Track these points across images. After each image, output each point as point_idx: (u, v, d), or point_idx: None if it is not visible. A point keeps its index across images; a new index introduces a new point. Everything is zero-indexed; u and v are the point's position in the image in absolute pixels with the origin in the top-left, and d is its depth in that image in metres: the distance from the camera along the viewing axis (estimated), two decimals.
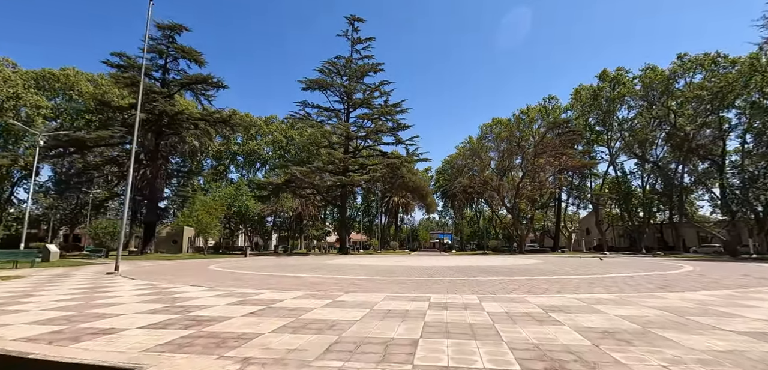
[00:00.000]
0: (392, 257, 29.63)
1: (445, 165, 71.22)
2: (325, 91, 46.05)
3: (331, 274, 12.10)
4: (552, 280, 9.76)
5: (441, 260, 23.39)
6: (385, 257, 29.40)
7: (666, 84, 50.30)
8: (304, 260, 25.49)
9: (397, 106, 45.29)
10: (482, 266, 16.83)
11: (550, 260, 23.83)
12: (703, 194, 54.74)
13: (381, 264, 18.44)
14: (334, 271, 13.43)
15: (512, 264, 17.84)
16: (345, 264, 18.61)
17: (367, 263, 20.17)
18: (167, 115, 37.37)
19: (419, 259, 26.23)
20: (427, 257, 31.19)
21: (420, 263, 19.33)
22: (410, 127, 45.78)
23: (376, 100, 45.79)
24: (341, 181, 37.49)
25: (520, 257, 28.54)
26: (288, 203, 50.81)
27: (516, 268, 15.24)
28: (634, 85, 53.65)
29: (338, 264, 18.66)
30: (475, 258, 27.28)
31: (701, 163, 55.65)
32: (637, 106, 54.85)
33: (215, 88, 39.83)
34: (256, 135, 67.78)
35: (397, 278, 10.35)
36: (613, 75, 54.79)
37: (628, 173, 57.99)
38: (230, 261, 22.99)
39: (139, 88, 15.31)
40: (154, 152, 39.17)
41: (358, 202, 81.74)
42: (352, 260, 23.52)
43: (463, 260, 23.18)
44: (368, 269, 14.40)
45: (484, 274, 11.85)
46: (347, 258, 28.09)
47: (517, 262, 20.39)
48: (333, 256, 34.18)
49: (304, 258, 29.88)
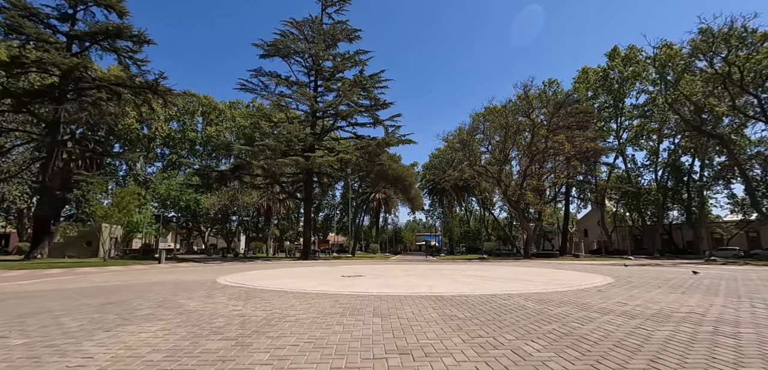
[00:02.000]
0: (358, 265, 20.93)
1: (432, 159, 62.99)
2: (288, 58, 37.04)
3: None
4: None
5: (422, 272, 14.71)
6: (347, 265, 20.68)
7: (687, 62, 43.36)
8: (202, 274, 16.47)
9: (375, 78, 36.60)
10: (497, 292, 8.15)
11: (595, 271, 15.43)
12: (722, 189, 48.12)
13: (311, 286, 9.66)
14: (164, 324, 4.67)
15: (561, 288, 9.21)
16: (244, 289, 9.74)
17: (293, 282, 11.31)
18: (68, 74, 27.81)
19: (393, 268, 17.58)
20: (407, 264, 22.63)
21: (387, 281, 10.55)
22: (391, 104, 37.14)
23: (349, 71, 36.99)
24: (297, 162, 28.47)
25: (538, 266, 20.15)
26: (247, 197, 41.57)
27: (599, 309, 6.58)
28: (648, 65, 46.54)
29: (234, 286, 9.81)
30: (471, 267, 18.68)
31: (717, 156, 49.11)
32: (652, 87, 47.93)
33: (134, 42, 30.45)
34: (218, 120, 58.22)
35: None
36: (624, 53, 47.59)
37: (640, 166, 50.78)
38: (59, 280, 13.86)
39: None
40: (53, 125, 29.57)
41: (336, 198, 72.77)
42: (284, 272, 14.70)
43: (456, 270, 14.73)
44: (256, 301, 5.68)
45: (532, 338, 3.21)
46: (293, 267, 19.32)
47: (556, 278, 11.82)
48: (279, 264, 25.17)
49: (225, 265, 20.93)
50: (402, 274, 12.97)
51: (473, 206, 71.81)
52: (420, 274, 13.02)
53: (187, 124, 57.67)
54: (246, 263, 24.46)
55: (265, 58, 36.77)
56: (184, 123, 57.38)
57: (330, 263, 25.01)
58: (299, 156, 28.67)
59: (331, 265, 21.03)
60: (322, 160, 29.57)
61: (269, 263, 25.82)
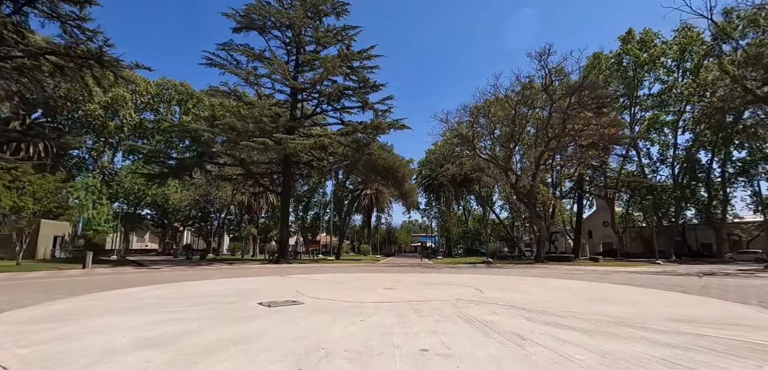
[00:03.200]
0: (324, 273, 16.08)
1: (429, 155, 58.07)
2: (265, 34, 32.01)
3: None
4: None
5: (412, 286, 9.84)
6: (310, 274, 15.80)
7: (711, 46, 38.99)
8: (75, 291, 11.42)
9: (364, 54, 31.64)
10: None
11: (669, 285, 10.59)
12: (746, 187, 43.66)
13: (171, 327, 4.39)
14: None
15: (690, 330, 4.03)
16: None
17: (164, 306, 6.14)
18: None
19: (370, 279, 12.77)
20: (395, 271, 17.81)
21: (315, 335, 5.54)
22: (382, 86, 32.18)
23: (334, 47, 31.99)
24: (265, 144, 23.36)
25: (570, 275, 15.44)
26: (220, 191, 36.44)
27: None
28: (667, 48, 42.05)
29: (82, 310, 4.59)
30: (483, 277, 13.86)
31: (737, 152, 44.72)
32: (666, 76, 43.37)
33: (75, 4, 25.26)
34: (196, 109, 52.92)
35: None
36: (640, 37, 43.06)
37: (656, 160, 46.12)
38: None
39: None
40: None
41: (327, 196, 67.71)
42: (203, 289, 9.76)
43: (462, 283, 9.85)
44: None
45: None
46: (221, 279, 14.46)
47: (638, 299, 6.83)
48: (214, 273, 20.40)
49: (146, 274, 15.92)
50: (376, 292, 8.06)
51: (472, 204, 67.03)
52: (407, 291, 8.09)
53: (162, 113, 52.36)
54: (181, 270, 19.45)
55: (239, 32, 31.77)
56: (158, 112, 52.07)
57: (292, 269, 20.10)
58: (268, 138, 23.68)
59: (284, 273, 16.10)
60: (296, 143, 24.52)
61: (216, 269, 20.86)
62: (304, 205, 68.98)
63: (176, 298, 7.39)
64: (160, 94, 52.20)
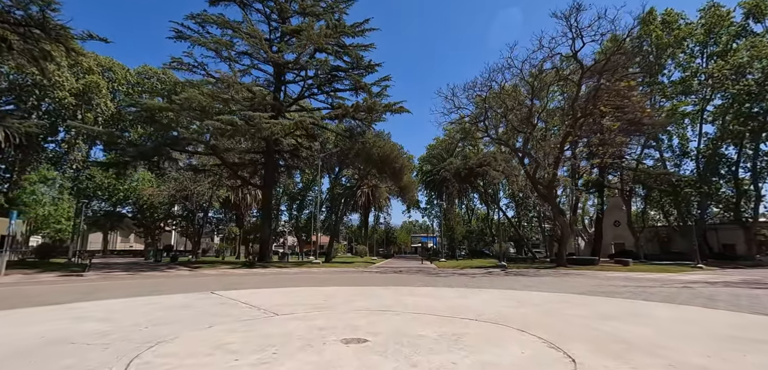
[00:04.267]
0: (286, 285, 11.92)
1: (430, 151, 53.82)
2: (246, 8, 27.77)
3: None
4: None
5: (405, 321, 5.41)
6: (262, 289, 11.57)
7: (741, 26, 34.91)
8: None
9: (357, 28, 27.41)
10: None
11: None
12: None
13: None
14: None
15: None
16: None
17: None
18: None
19: (335, 303, 8.39)
20: (376, 288, 13.65)
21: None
22: (378, 66, 27.88)
23: (323, 20, 27.72)
24: (232, 124, 19.05)
25: (640, 292, 11.25)
26: (197, 186, 32.16)
27: None
28: (693, 29, 37.83)
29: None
30: (525, 302, 9.53)
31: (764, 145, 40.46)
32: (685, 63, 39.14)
33: None
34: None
35: None
36: (662, 18, 38.82)
37: (678, 154, 41.73)
38: None
39: None
40: None
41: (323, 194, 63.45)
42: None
43: (499, 323, 5.65)
44: None
45: None
46: (99, 303, 10.25)
47: None
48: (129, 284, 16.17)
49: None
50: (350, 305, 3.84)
51: (475, 203, 62.75)
52: (397, 358, 3.89)
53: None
54: (90, 282, 15.26)
55: (216, 3, 27.55)
56: (140, 103, 47.84)
57: (244, 279, 15.91)
58: (236, 116, 19.44)
59: (220, 287, 11.94)
60: (272, 124, 20.22)
61: (147, 277, 16.63)
62: (298, 203, 64.72)
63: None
64: (140, 82, 47.99)
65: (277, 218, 61.73)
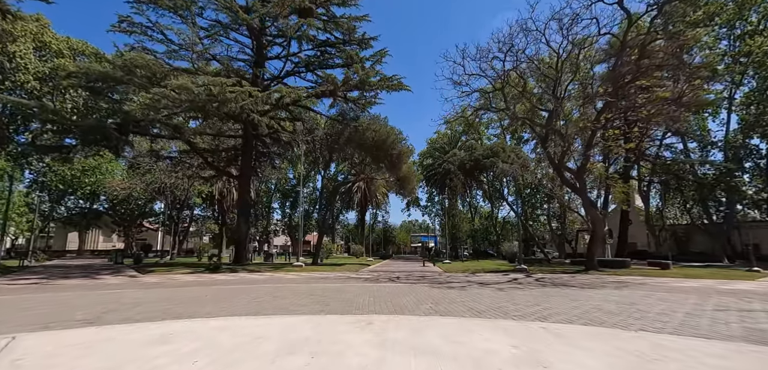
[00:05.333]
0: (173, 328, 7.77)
1: (431, 145, 49.75)
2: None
3: None
4: None
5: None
6: (141, 328, 7.28)
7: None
8: None
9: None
10: None
11: None
12: None
13: None
14: None
15: None
16: None
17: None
18: None
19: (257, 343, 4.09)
20: (374, 294, 9.58)
21: None
22: (373, 39, 23.85)
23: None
24: (186, 89, 14.95)
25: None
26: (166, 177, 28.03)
27: None
28: (722, 8, 33.85)
29: None
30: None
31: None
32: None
33: None
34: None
35: None
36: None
37: (707, 143, 37.61)
38: None
39: None
40: None
41: (317, 189, 59.55)
42: None
43: None
44: None
45: None
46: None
47: None
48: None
49: None
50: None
51: (478, 200, 58.64)
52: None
53: (121, 92, 43.95)
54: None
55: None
56: (118, 91, 43.67)
57: (181, 287, 11.96)
58: (191, 84, 15.40)
59: (108, 303, 7.89)
60: (238, 90, 16.10)
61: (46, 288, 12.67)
62: (291, 201, 60.60)
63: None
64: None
65: (267, 216, 57.67)
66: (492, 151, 33.41)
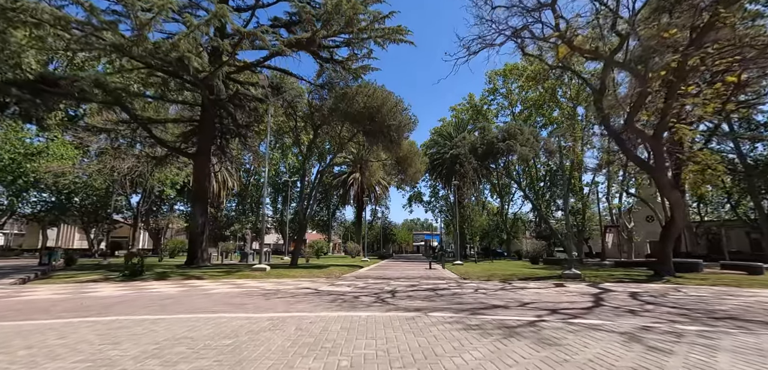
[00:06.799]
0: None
1: (434, 134, 44.45)
2: None
3: None
4: None
5: None
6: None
7: None
8: None
9: None
10: None
11: None
12: None
13: None
14: None
15: None
16: None
17: None
18: None
19: None
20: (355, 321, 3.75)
21: None
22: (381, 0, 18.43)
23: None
24: (116, 45, 9.84)
25: None
26: (116, 160, 22.83)
27: None
28: None
29: None
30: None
31: None
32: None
33: None
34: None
35: None
36: None
37: (758, 126, 32.17)
38: None
39: None
40: None
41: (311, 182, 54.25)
42: None
43: None
44: None
45: None
46: None
47: None
48: None
49: None
50: None
51: (485, 195, 53.36)
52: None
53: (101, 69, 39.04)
54: None
55: None
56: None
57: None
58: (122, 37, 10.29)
59: None
60: (183, 42, 10.94)
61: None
62: (282, 196, 55.49)
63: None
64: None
65: (258, 211, 52.62)
66: (508, 133, 28.12)
